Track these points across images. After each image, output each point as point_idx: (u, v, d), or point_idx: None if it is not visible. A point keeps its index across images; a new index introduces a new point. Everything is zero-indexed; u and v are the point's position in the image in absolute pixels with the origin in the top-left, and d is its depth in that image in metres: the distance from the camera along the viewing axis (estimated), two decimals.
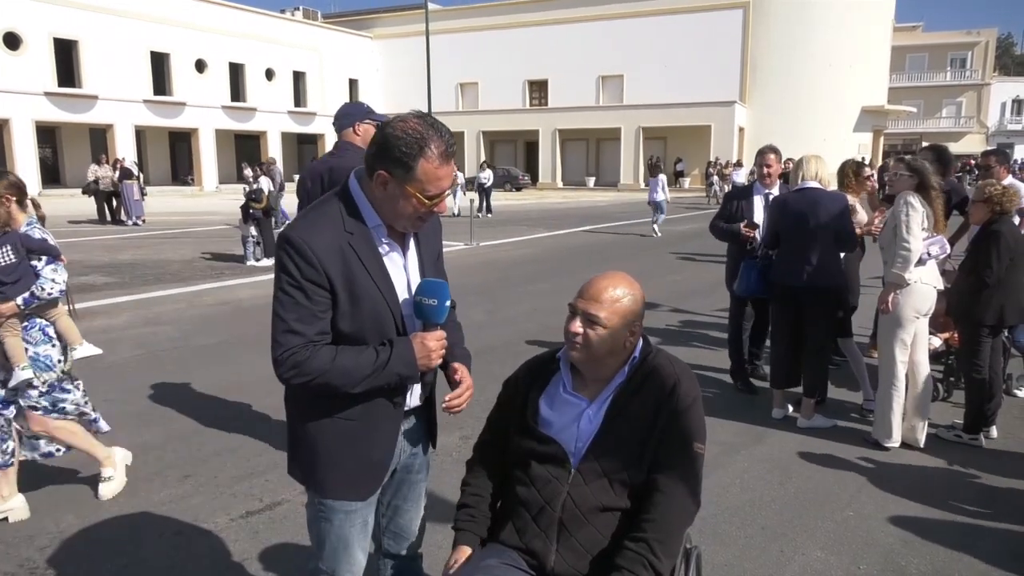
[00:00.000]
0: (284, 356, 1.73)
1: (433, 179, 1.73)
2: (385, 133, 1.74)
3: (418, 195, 1.74)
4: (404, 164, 1.71)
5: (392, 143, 1.71)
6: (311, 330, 1.74)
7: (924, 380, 4.37)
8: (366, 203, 1.81)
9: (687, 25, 40.67)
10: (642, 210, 24.95)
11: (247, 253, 12.24)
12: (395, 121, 1.75)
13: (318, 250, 1.72)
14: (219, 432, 4.61)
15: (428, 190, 1.74)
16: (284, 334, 1.73)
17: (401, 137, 1.71)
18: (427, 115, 1.78)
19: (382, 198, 1.78)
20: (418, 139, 1.70)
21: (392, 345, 1.80)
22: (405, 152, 1.70)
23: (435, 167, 1.72)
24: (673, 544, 1.84)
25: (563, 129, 41.87)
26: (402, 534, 2.14)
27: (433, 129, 1.73)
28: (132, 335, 7.21)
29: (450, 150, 1.75)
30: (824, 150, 6.81)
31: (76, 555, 3.17)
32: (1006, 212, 4.33)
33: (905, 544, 3.29)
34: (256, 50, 39.97)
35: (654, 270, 11.24)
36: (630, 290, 1.93)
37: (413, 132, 1.71)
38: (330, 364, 1.74)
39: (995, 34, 57.53)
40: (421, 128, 1.72)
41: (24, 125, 30.67)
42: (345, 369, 1.75)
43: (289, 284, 1.73)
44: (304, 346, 1.73)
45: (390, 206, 1.78)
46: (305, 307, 1.73)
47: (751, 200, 5.39)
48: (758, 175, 5.45)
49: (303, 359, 1.73)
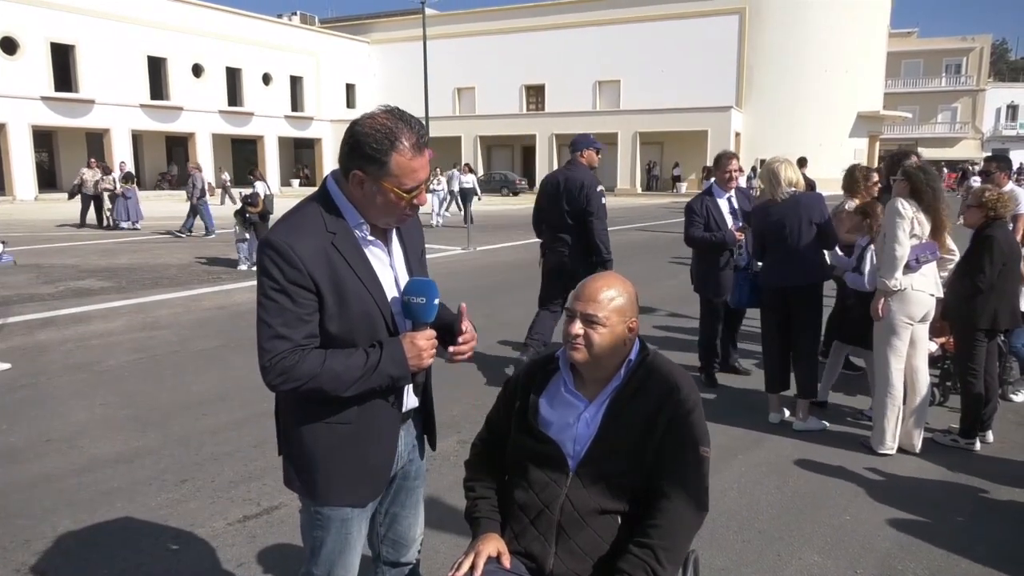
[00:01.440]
0: (272, 362, 1.69)
1: (408, 171, 1.72)
2: (354, 131, 1.72)
3: (395, 190, 1.72)
4: (377, 160, 1.70)
5: (362, 141, 1.70)
6: (298, 334, 1.70)
7: (922, 386, 4.38)
8: (346, 202, 1.79)
9: (683, 31, 40.83)
10: (639, 214, 25.02)
11: (240, 258, 12.24)
12: (363, 119, 1.73)
13: (301, 252, 1.68)
14: (216, 436, 4.61)
15: (404, 183, 1.73)
16: (270, 340, 1.69)
17: (370, 134, 1.69)
18: (395, 108, 1.76)
19: (361, 197, 1.76)
20: (387, 133, 1.69)
21: (382, 346, 1.77)
22: (376, 148, 1.69)
23: (408, 159, 1.71)
24: (679, 552, 1.83)
25: (560, 134, 41.89)
26: (401, 542, 2.11)
27: (402, 121, 1.71)
28: (129, 339, 7.20)
29: (422, 140, 1.73)
30: (820, 155, 6.82)
31: (72, 560, 3.16)
32: (1000, 217, 4.35)
33: (901, 548, 3.30)
34: (253, 55, 40.00)
35: (650, 274, 11.26)
36: (623, 288, 1.97)
37: (382, 127, 1.69)
38: (319, 368, 1.70)
39: (990, 40, 57.78)
40: (389, 122, 1.70)
41: (21, 129, 30.65)
42: (335, 373, 1.71)
43: (273, 288, 1.69)
44: (292, 351, 1.69)
45: (370, 203, 1.76)
46: (291, 311, 1.69)
47: (717, 205, 5.49)
48: (720, 180, 5.61)
49: (291, 364, 1.69)
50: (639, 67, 41.74)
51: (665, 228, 18.94)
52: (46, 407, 5.17)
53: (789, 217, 4.65)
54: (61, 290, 9.89)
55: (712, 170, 5.83)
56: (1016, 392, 5.40)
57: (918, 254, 4.14)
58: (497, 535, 1.95)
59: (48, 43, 31.33)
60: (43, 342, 7.05)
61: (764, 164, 5.05)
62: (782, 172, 4.75)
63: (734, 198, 5.66)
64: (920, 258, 4.15)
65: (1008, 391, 5.35)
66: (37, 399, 5.36)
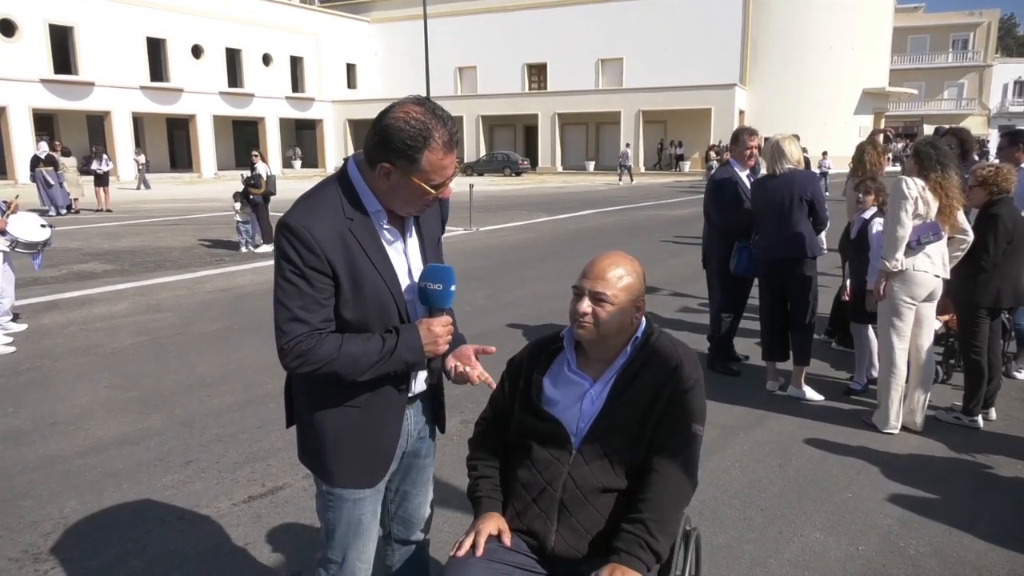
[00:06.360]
0: (290, 345, 1.69)
1: (438, 169, 1.70)
2: (386, 124, 1.67)
3: (423, 185, 1.71)
4: (408, 156, 1.66)
5: (395, 135, 1.66)
6: (316, 318, 1.70)
7: (926, 365, 4.37)
8: (366, 189, 1.77)
9: (687, 8, 40.40)
10: (643, 194, 24.91)
11: (241, 240, 12.22)
12: (396, 110, 1.68)
13: (319, 236, 1.67)
14: (221, 418, 4.63)
15: (433, 180, 1.71)
16: (289, 323, 1.69)
17: (404, 129, 1.65)
18: (427, 101, 1.72)
19: (385, 188, 1.74)
20: (422, 130, 1.65)
21: (398, 332, 1.77)
22: (409, 144, 1.65)
23: (440, 157, 1.68)
24: (670, 523, 1.85)
25: (562, 113, 41.68)
26: (411, 520, 2.12)
27: (436, 118, 1.68)
28: (133, 322, 7.22)
29: (454, 138, 1.71)
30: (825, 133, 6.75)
31: (80, 541, 3.19)
32: (1005, 192, 4.30)
33: (904, 525, 3.31)
34: (253, 35, 39.73)
35: (654, 254, 11.23)
36: (632, 267, 1.97)
37: (416, 123, 1.65)
38: (336, 352, 1.70)
39: (997, 15, 57.11)
40: (424, 118, 1.66)
41: (21, 112, 30.57)
42: (352, 357, 1.71)
43: (292, 272, 1.68)
44: (310, 334, 1.69)
45: (394, 195, 1.75)
46: (309, 295, 1.69)
47: (743, 180, 5.36)
48: (739, 156, 5.43)
49: (309, 347, 1.69)
50: (642, 45, 41.35)
51: (667, 208, 18.84)
52: (51, 390, 5.20)
53: (783, 192, 4.77)
54: (64, 273, 9.91)
55: (730, 146, 5.74)
56: (1019, 369, 5.39)
57: (920, 234, 4.08)
58: (498, 514, 1.96)
59: (47, 25, 31.14)
60: (47, 325, 7.07)
61: (767, 140, 5.03)
62: (786, 147, 4.83)
63: (749, 176, 5.48)
64: (922, 238, 4.08)
65: (1011, 368, 5.34)
66: (42, 382, 5.39)
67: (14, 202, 6.61)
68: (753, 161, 5.48)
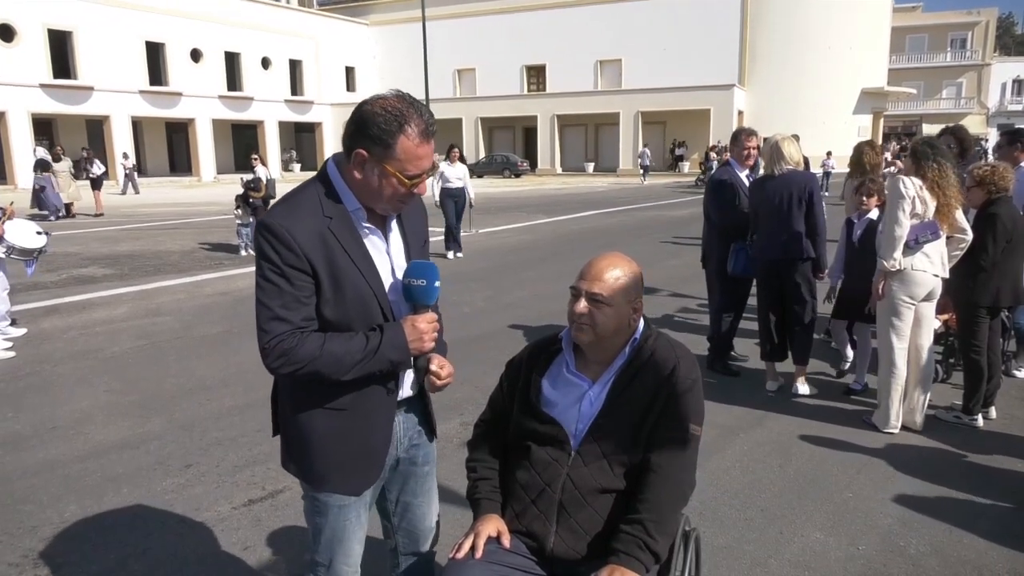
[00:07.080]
0: (271, 344, 1.68)
1: (413, 158, 1.69)
2: (362, 111, 1.69)
3: (397, 175, 1.70)
4: (382, 141, 1.67)
5: (370, 120, 1.67)
6: (297, 316, 1.70)
7: (926, 365, 4.36)
8: (345, 187, 1.76)
9: (685, 8, 40.44)
10: (642, 195, 24.92)
11: (241, 244, 12.21)
12: (373, 99, 1.71)
13: (298, 236, 1.67)
14: (220, 421, 4.63)
15: (407, 169, 1.70)
16: (270, 322, 1.69)
17: (379, 114, 1.66)
18: (405, 93, 1.73)
19: (361, 178, 1.73)
20: (397, 116, 1.66)
21: (383, 330, 1.75)
22: (383, 129, 1.66)
23: (415, 145, 1.68)
24: (668, 524, 1.84)
25: (561, 114, 41.69)
26: (415, 532, 2.06)
27: (412, 107, 1.69)
28: (133, 326, 7.22)
29: (430, 129, 1.71)
30: (824, 133, 6.75)
31: (79, 545, 3.18)
32: (1003, 190, 4.30)
33: (904, 524, 3.30)
34: (252, 39, 39.75)
35: (653, 255, 11.23)
36: (629, 267, 1.97)
37: (392, 109, 1.67)
38: (319, 351, 1.69)
39: (995, 14, 57.12)
40: (400, 105, 1.68)
41: (20, 117, 30.60)
42: (335, 356, 1.70)
43: (271, 271, 1.68)
44: (291, 333, 1.68)
45: (369, 187, 1.74)
46: (289, 293, 1.68)
47: (742, 180, 5.37)
48: (738, 156, 5.44)
49: (291, 346, 1.68)
50: (641, 46, 41.37)
51: (666, 209, 18.85)
52: (51, 394, 5.20)
53: (781, 192, 4.77)
54: (64, 278, 9.91)
55: (729, 147, 5.76)
56: (1019, 368, 5.39)
57: (917, 234, 4.07)
58: (498, 516, 1.95)
59: (46, 29, 31.17)
60: (47, 330, 7.07)
61: (766, 140, 5.04)
62: (785, 148, 4.84)
63: (748, 176, 5.50)
64: (920, 238, 4.08)
65: (1011, 367, 5.34)
66: (42, 386, 5.39)
67: (10, 208, 6.62)
68: (752, 161, 5.51)
